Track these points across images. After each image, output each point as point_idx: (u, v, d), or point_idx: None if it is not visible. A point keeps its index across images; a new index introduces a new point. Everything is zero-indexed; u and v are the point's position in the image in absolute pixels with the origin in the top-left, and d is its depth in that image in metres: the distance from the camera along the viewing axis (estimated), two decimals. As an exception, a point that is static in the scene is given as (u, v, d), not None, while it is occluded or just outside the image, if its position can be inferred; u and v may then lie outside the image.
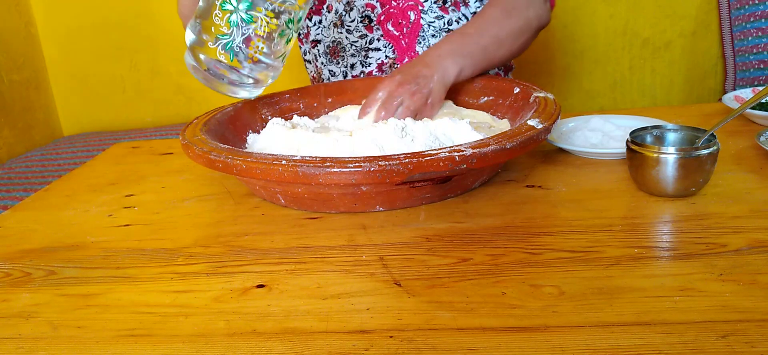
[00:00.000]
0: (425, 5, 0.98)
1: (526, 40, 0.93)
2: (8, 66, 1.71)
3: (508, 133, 0.62)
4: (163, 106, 1.89)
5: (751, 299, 0.44)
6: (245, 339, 0.45)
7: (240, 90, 0.70)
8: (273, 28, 0.65)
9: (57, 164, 1.54)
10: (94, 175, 0.88)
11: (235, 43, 0.65)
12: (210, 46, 0.65)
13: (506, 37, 0.88)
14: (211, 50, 0.65)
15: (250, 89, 0.71)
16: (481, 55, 0.85)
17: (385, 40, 1.00)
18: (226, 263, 0.57)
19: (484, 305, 0.46)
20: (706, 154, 0.59)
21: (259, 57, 0.66)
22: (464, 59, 0.82)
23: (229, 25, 0.64)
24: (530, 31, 0.93)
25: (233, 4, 0.63)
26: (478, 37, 0.85)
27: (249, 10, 0.64)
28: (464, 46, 0.83)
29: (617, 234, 0.55)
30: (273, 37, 0.66)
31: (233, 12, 0.63)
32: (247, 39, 0.65)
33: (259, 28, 0.64)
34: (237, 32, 0.64)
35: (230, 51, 0.65)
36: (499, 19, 0.88)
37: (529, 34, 0.93)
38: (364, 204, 0.64)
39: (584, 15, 1.71)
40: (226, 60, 0.65)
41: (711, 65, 1.72)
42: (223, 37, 0.64)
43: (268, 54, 0.67)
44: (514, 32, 0.89)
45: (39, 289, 0.55)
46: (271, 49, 0.67)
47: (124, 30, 1.81)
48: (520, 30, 0.90)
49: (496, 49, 0.87)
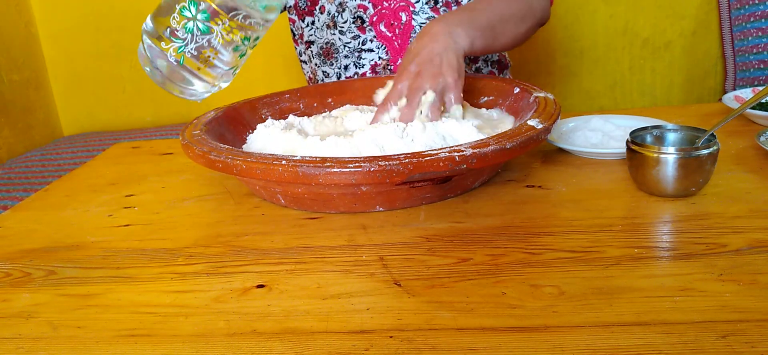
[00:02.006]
0: (417, 6, 0.98)
1: (528, 28, 0.91)
2: (8, 66, 1.71)
3: (508, 133, 0.62)
4: (163, 106, 1.89)
5: (751, 299, 0.44)
6: (245, 339, 0.45)
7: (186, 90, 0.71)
8: (228, 41, 0.66)
9: (57, 164, 1.54)
10: (94, 175, 0.88)
11: (187, 49, 0.66)
12: (163, 45, 0.66)
13: (511, 18, 0.86)
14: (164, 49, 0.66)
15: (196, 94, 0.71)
16: (489, 30, 0.82)
17: (378, 41, 1.00)
18: (226, 263, 0.57)
19: (484, 305, 0.46)
20: (706, 154, 0.59)
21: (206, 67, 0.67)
22: (474, 31, 0.79)
23: (185, 31, 0.65)
24: (533, 20, 0.91)
25: (191, 12, 0.65)
26: (485, 13, 0.83)
27: (206, 22, 0.65)
28: (473, 19, 0.80)
29: (617, 234, 0.55)
30: (227, 50, 0.67)
31: (191, 20, 0.65)
32: (199, 47, 0.66)
33: (213, 39, 0.65)
34: (191, 39, 0.66)
35: (182, 55, 0.66)
36: (505, 1, 0.87)
37: (532, 23, 0.91)
38: (364, 204, 0.64)
39: (584, 15, 1.71)
40: (176, 61, 0.66)
41: (711, 65, 1.72)
42: (176, 40, 0.65)
43: (218, 65, 0.68)
44: (520, 15, 0.87)
45: (39, 289, 0.55)
46: (221, 60, 0.67)
47: (124, 30, 1.81)
48: (524, 14, 0.88)
49: (503, 28, 0.84)
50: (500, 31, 0.84)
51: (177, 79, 0.68)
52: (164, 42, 0.66)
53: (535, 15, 0.91)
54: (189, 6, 0.65)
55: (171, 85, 0.69)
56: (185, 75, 0.67)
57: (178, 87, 0.69)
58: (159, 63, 0.67)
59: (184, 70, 0.67)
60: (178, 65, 0.66)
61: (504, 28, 0.85)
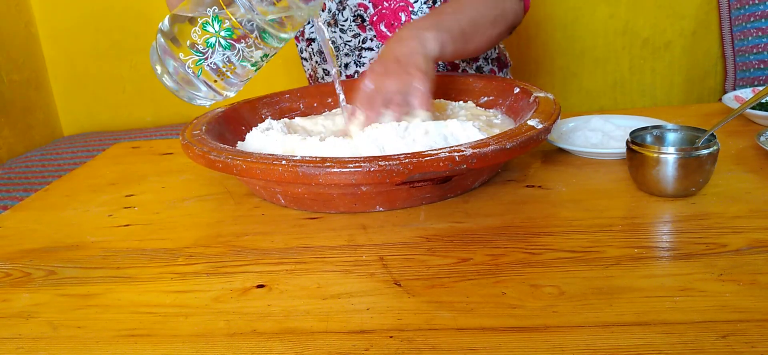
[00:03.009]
0: (415, 6, 0.98)
1: (500, 32, 0.90)
2: (8, 66, 1.71)
3: (508, 133, 0.62)
4: (163, 106, 1.89)
5: (751, 299, 0.44)
6: (245, 339, 0.45)
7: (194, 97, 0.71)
8: (247, 59, 0.67)
9: (57, 164, 1.54)
10: (94, 175, 0.88)
11: (207, 64, 0.66)
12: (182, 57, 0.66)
13: (483, 23, 0.86)
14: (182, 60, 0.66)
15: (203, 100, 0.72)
16: (459, 34, 0.82)
17: (378, 40, 1.00)
18: (226, 263, 0.57)
19: (484, 305, 0.46)
20: (706, 154, 0.59)
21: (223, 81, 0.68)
22: (444, 35, 0.78)
23: (205, 45, 0.66)
24: (505, 23, 0.90)
25: (214, 29, 0.65)
26: (455, 16, 0.83)
27: (229, 38, 0.65)
28: (443, 24, 0.80)
29: (617, 234, 0.55)
30: (245, 66, 0.68)
31: (213, 36, 0.65)
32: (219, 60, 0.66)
33: (233, 56, 0.66)
34: (211, 54, 0.66)
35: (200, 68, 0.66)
36: (476, 4, 0.86)
37: (503, 27, 0.90)
38: (364, 204, 0.64)
39: (584, 15, 1.71)
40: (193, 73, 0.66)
41: (711, 65, 1.72)
42: (196, 53, 0.66)
43: (234, 80, 0.69)
44: (491, 19, 0.87)
45: (39, 289, 0.55)
46: (237, 76, 0.68)
47: (124, 30, 1.82)
48: (496, 18, 0.88)
49: (473, 32, 0.84)
50: (471, 36, 0.84)
51: (188, 87, 0.68)
52: (183, 52, 0.66)
53: (507, 19, 0.90)
54: (213, 22, 0.65)
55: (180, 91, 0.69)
56: (198, 85, 0.67)
57: (187, 93, 0.69)
58: (172, 67, 0.67)
59: (199, 81, 0.67)
60: (194, 76, 0.67)
61: (475, 33, 0.85)
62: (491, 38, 0.89)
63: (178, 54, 0.66)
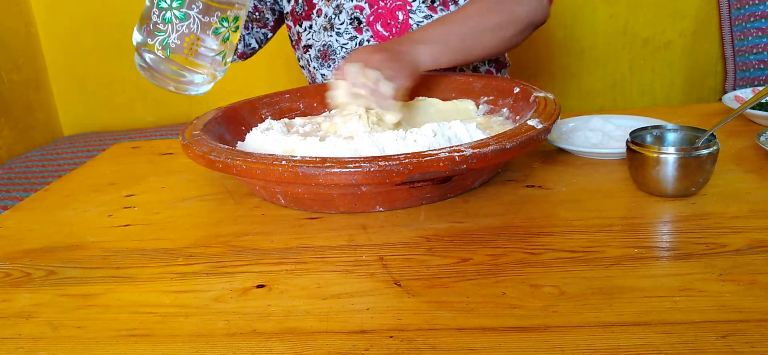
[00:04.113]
0: (413, 5, 0.97)
1: (511, 36, 0.90)
2: (8, 66, 1.71)
3: (508, 133, 0.62)
4: (163, 106, 1.89)
5: (751, 299, 0.44)
6: (245, 339, 0.45)
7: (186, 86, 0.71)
8: (206, 24, 0.68)
9: (57, 164, 1.54)
10: (94, 175, 0.88)
11: (170, 40, 0.67)
12: (149, 42, 0.68)
13: (486, 30, 0.87)
14: (151, 46, 0.68)
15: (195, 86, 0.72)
16: (459, 44, 0.84)
17: (375, 40, 1.00)
18: (226, 263, 0.57)
19: (484, 305, 0.46)
20: (706, 154, 0.59)
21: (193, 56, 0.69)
22: (439, 46, 0.82)
23: (164, 22, 0.67)
24: (517, 26, 0.90)
25: (167, 2, 0.66)
26: (457, 27, 0.85)
27: (181, 8, 0.67)
28: (442, 35, 0.83)
29: (617, 234, 0.55)
30: (208, 34, 0.69)
31: (167, 10, 0.66)
32: (180, 35, 0.67)
33: (191, 24, 0.67)
34: (171, 29, 0.67)
35: (167, 47, 0.67)
36: (481, 12, 0.87)
37: (516, 29, 0.91)
38: (364, 204, 0.64)
39: (584, 15, 1.71)
40: (164, 55, 0.68)
41: (711, 65, 1.72)
42: (159, 33, 0.67)
43: (204, 52, 0.69)
44: (496, 26, 0.88)
45: (39, 289, 0.55)
46: (206, 47, 0.68)
47: (124, 30, 1.80)
48: (502, 24, 0.88)
49: (475, 41, 0.86)
50: (471, 45, 0.86)
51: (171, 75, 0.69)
52: (151, 38, 0.68)
53: (519, 21, 0.90)
54: None
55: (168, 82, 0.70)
56: (177, 67, 0.68)
57: (174, 82, 0.70)
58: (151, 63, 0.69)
59: (173, 63, 0.68)
60: (166, 59, 0.68)
61: (478, 41, 0.86)
62: (498, 44, 0.89)
63: (149, 46, 0.68)
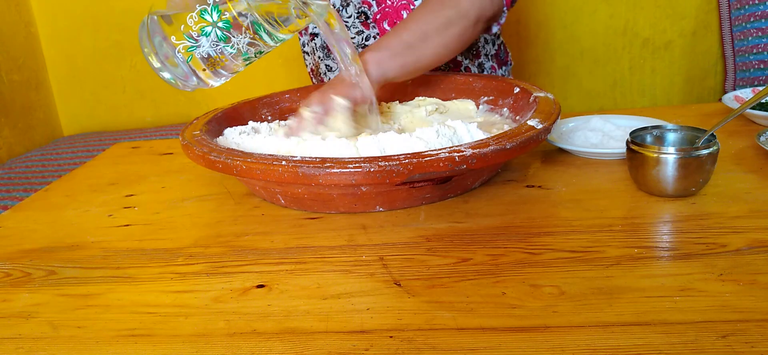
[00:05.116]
0: (417, 4, 0.97)
1: (459, 32, 0.85)
2: (8, 66, 1.71)
3: (508, 133, 0.62)
4: (163, 106, 1.89)
5: (751, 299, 0.44)
6: (245, 339, 0.45)
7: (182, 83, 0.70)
8: (241, 53, 0.66)
9: (57, 164, 1.54)
10: (94, 175, 0.88)
11: (199, 51, 0.65)
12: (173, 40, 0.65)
13: (434, 31, 0.83)
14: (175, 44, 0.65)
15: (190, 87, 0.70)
16: (406, 50, 0.80)
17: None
18: (226, 263, 0.57)
19: (484, 305, 0.46)
20: (706, 154, 0.59)
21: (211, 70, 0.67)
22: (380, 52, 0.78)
23: (200, 33, 0.64)
24: (464, 22, 0.85)
25: (212, 18, 0.63)
26: (403, 31, 0.82)
27: (226, 31, 0.64)
28: (386, 47, 0.80)
29: (617, 234, 0.55)
30: (238, 60, 0.67)
31: (210, 25, 0.64)
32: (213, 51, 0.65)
33: (228, 49, 0.65)
34: (205, 43, 0.64)
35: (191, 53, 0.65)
36: (424, 13, 0.84)
37: (463, 25, 0.85)
38: (364, 204, 0.64)
39: (584, 15, 1.71)
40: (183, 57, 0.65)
41: (711, 65, 1.72)
42: (189, 39, 0.64)
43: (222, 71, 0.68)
44: (442, 24, 0.83)
45: (39, 289, 0.55)
46: (227, 69, 0.67)
47: (124, 30, 1.81)
48: (448, 21, 0.83)
49: (422, 44, 0.82)
50: (420, 49, 0.82)
51: (175, 71, 0.67)
52: (176, 36, 0.65)
53: (467, 17, 0.85)
54: (211, 11, 0.63)
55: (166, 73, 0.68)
56: (186, 71, 0.67)
57: (172, 76, 0.68)
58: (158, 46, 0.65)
59: (188, 67, 0.66)
60: (183, 62, 0.65)
61: (424, 45, 0.82)
62: (449, 43, 0.85)
63: (170, 36, 0.65)
